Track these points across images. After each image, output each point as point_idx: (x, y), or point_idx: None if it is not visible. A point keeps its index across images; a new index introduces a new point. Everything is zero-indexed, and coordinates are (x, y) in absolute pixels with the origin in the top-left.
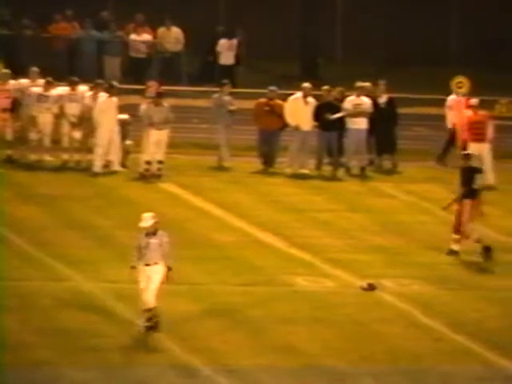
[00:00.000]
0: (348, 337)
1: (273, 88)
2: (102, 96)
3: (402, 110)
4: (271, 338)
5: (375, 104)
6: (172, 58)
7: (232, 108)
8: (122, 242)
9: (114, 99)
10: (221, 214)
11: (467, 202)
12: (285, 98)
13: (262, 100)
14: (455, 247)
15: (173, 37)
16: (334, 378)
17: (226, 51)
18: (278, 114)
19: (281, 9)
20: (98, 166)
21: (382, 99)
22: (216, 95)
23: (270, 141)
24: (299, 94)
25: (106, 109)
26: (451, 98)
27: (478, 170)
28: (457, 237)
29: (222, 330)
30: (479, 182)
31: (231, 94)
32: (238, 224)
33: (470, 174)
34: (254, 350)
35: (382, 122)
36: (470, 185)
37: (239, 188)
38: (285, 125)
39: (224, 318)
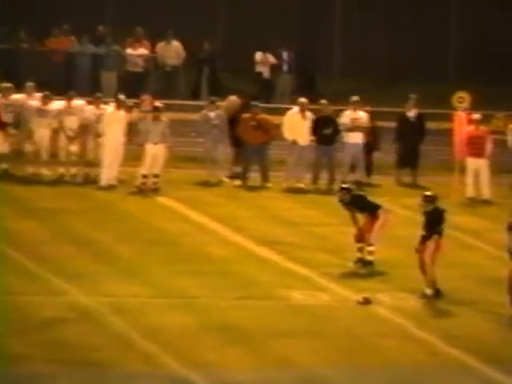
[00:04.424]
0: (344, 350)
1: (256, 103)
2: (109, 109)
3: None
4: (268, 351)
5: (404, 118)
6: (171, 72)
7: (215, 122)
8: (120, 256)
9: (122, 113)
10: (217, 228)
11: (432, 244)
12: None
13: (247, 115)
14: (428, 291)
15: (173, 51)
16: None
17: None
18: (264, 128)
19: (280, 21)
20: (104, 180)
21: (411, 113)
22: (204, 111)
23: (258, 156)
24: (296, 109)
25: (113, 121)
26: None
27: (444, 212)
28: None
29: (219, 344)
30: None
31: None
32: (235, 238)
33: (435, 215)
34: (252, 364)
35: (409, 136)
36: (435, 227)
37: (236, 202)
38: (274, 139)
39: (221, 331)
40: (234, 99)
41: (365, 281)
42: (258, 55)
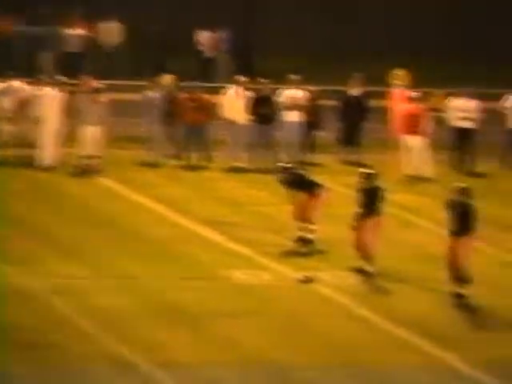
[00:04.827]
0: (287, 329)
1: (195, 83)
2: (47, 90)
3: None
4: (211, 331)
5: (347, 96)
6: (112, 52)
7: (156, 103)
8: (61, 238)
9: (61, 93)
10: (159, 208)
11: (370, 222)
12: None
13: (186, 95)
14: (368, 268)
15: (114, 31)
16: (275, 370)
17: None
18: (204, 108)
19: (219, 0)
20: (43, 161)
21: (355, 92)
22: (145, 91)
23: (198, 136)
24: (235, 88)
25: (52, 102)
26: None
27: (381, 190)
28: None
29: (161, 325)
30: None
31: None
32: (177, 218)
33: (372, 193)
34: (195, 345)
35: (352, 115)
36: (372, 205)
37: (178, 182)
38: (213, 118)
39: (163, 312)
40: (169, 79)
41: (306, 259)
42: (200, 34)
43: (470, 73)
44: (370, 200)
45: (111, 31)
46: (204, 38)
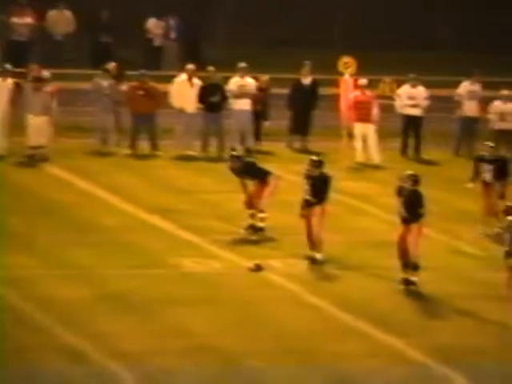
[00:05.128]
0: (237, 317)
1: (143, 71)
2: None
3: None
4: (161, 320)
5: (298, 84)
6: (61, 41)
7: (107, 92)
8: (9, 227)
9: (7, 82)
10: (108, 197)
11: (317, 209)
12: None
13: (135, 83)
14: (317, 256)
15: (64, 19)
16: (225, 358)
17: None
18: (152, 96)
19: None
20: None
21: (307, 80)
22: (96, 79)
23: (146, 125)
24: (184, 76)
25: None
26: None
27: (329, 178)
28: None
29: (112, 314)
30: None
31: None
32: (126, 207)
33: (320, 181)
34: (145, 333)
35: (302, 103)
36: (320, 193)
37: (126, 171)
38: (162, 107)
39: (114, 301)
40: (114, 67)
41: (256, 247)
42: (150, 22)
43: (419, 59)
44: (318, 187)
45: (60, 19)
46: (153, 25)
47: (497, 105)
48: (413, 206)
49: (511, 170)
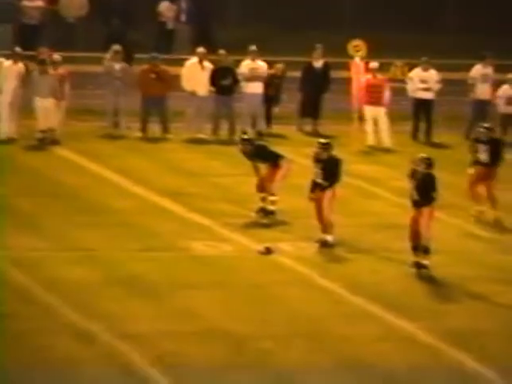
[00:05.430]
0: (247, 300)
1: (155, 54)
2: (5, 62)
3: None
4: (171, 303)
5: (310, 67)
6: (74, 24)
7: (118, 75)
8: (20, 209)
9: (18, 65)
10: (119, 179)
11: (328, 192)
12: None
13: (146, 67)
14: (329, 238)
15: (76, 2)
16: (235, 342)
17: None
18: (163, 79)
19: None
20: (3, 133)
21: (318, 63)
22: (108, 62)
23: (157, 108)
24: (195, 59)
25: (10, 75)
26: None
27: (339, 161)
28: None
29: (121, 296)
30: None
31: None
32: (136, 190)
33: (330, 164)
34: (154, 316)
35: (313, 86)
36: (330, 176)
37: (137, 154)
38: (173, 90)
39: (123, 284)
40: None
41: (267, 230)
42: (162, 5)
43: (430, 43)
44: (328, 170)
45: (73, 2)
46: (165, 8)
47: (505, 88)
48: (426, 190)
49: (504, 151)
